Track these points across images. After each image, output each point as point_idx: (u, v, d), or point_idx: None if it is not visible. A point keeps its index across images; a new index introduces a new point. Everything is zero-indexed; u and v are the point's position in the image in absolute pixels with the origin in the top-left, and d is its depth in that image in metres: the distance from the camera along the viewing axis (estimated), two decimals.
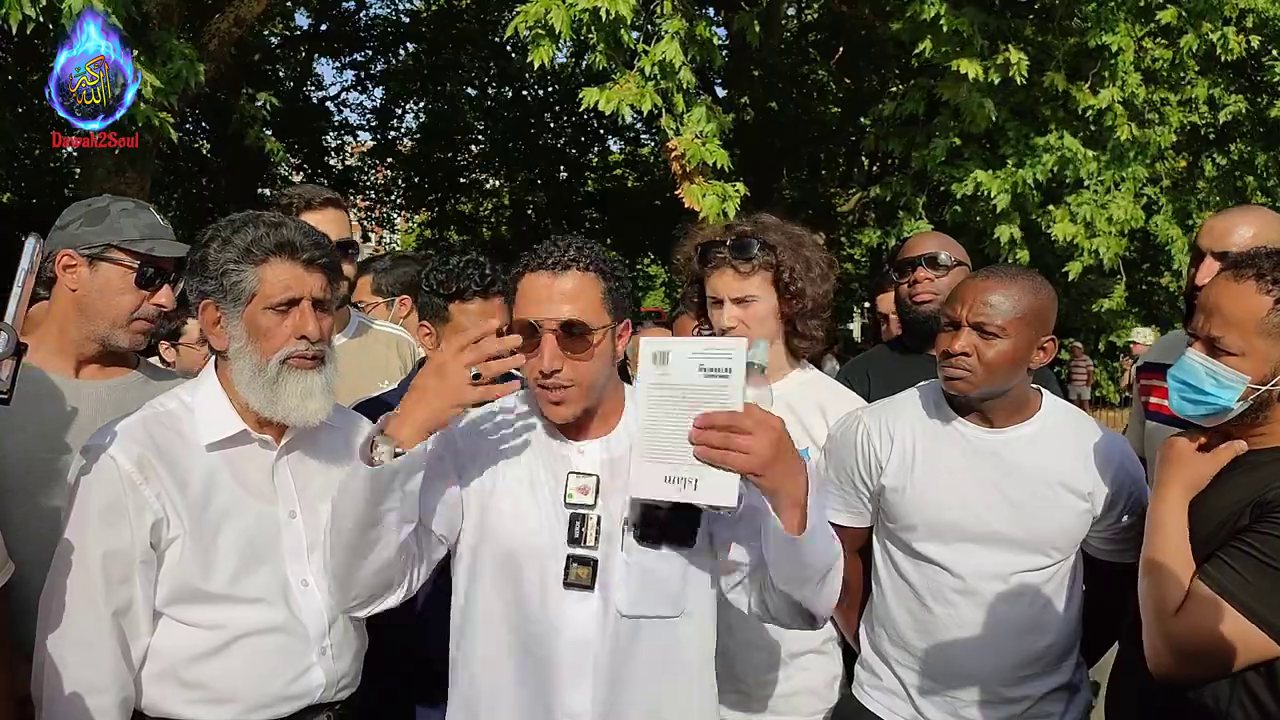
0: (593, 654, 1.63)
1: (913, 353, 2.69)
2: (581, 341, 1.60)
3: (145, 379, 2.07)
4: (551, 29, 5.68)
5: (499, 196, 20.85)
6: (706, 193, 6.14)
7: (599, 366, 1.64)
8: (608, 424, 1.73)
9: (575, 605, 1.63)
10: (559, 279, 1.62)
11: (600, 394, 1.68)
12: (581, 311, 1.61)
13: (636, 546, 1.65)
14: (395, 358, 3.01)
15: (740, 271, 2.20)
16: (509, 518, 1.67)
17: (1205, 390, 1.68)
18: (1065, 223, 7.55)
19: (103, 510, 1.64)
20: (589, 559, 1.63)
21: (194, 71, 5.51)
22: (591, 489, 1.66)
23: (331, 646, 1.77)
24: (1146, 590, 1.67)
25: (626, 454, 1.68)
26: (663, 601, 1.67)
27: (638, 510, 1.65)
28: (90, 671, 1.61)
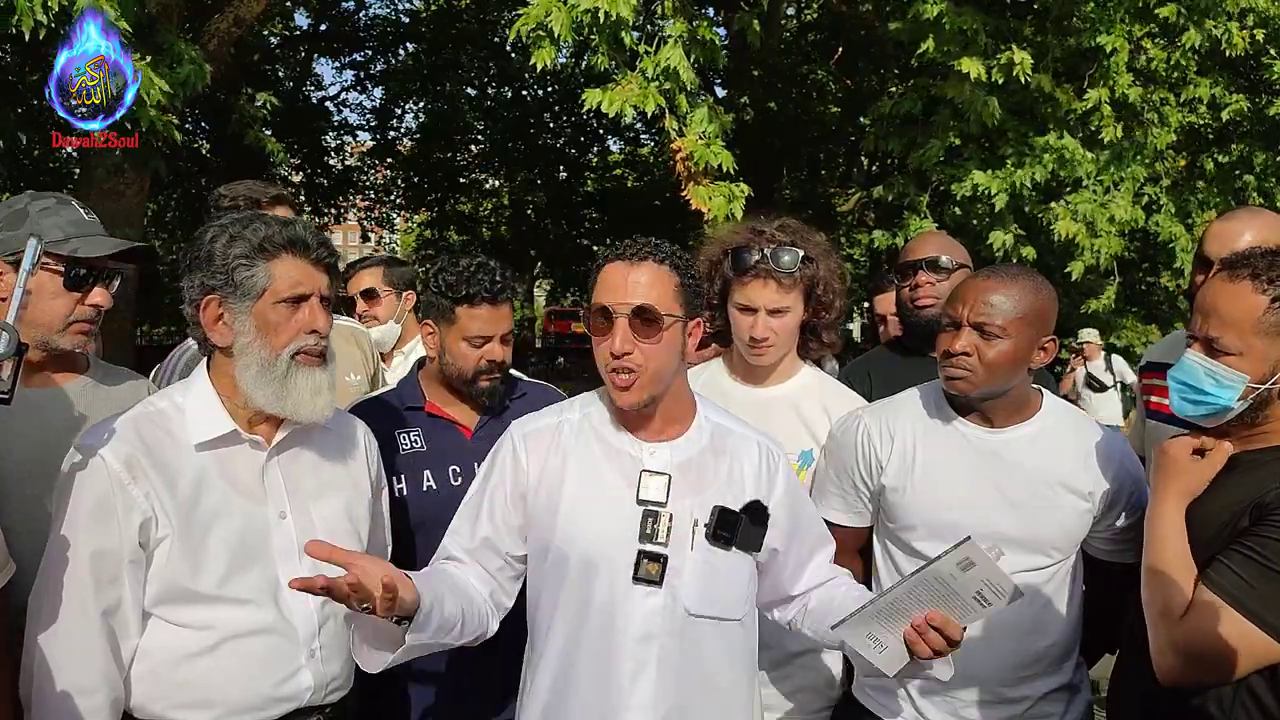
0: (657, 648, 1.68)
1: (913, 355, 2.69)
2: (652, 327, 1.67)
3: (97, 381, 2.03)
4: (552, 32, 5.68)
5: (499, 196, 20.87)
6: (713, 194, 6.14)
7: (667, 355, 1.70)
8: (676, 428, 1.78)
9: (642, 600, 1.68)
10: (635, 268, 1.70)
11: (667, 386, 1.73)
12: (654, 299, 1.68)
13: (706, 547, 1.71)
14: (356, 350, 3.07)
15: (782, 284, 2.19)
16: (581, 515, 1.71)
17: (1205, 390, 1.68)
18: (1067, 220, 7.54)
19: (92, 510, 1.63)
20: (659, 555, 1.68)
21: (201, 75, 5.52)
22: (663, 487, 1.71)
23: (321, 649, 1.76)
24: (1150, 597, 1.67)
25: (694, 458, 1.76)
26: (726, 604, 1.74)
27: (715, 513, 1.72)
28: (80, 671, 1.60)
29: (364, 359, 3.15)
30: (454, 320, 2.22)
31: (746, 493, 1.78)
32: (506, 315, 2.25)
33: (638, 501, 1.71)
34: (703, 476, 1.76)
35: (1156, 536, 1.69)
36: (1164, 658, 1.62)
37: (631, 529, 1.69)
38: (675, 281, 1.72)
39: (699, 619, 1.71)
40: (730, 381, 2.33)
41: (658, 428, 1.77)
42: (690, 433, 1.79)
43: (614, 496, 1.72)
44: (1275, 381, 1.64)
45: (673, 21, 6.24)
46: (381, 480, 2.00)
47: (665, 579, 1.68)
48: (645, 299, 1.68)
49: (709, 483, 1.76)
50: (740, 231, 2.31)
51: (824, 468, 2.20)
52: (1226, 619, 1.55)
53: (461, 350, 2.23)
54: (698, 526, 1.71)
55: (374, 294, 3.50)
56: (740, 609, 1.77)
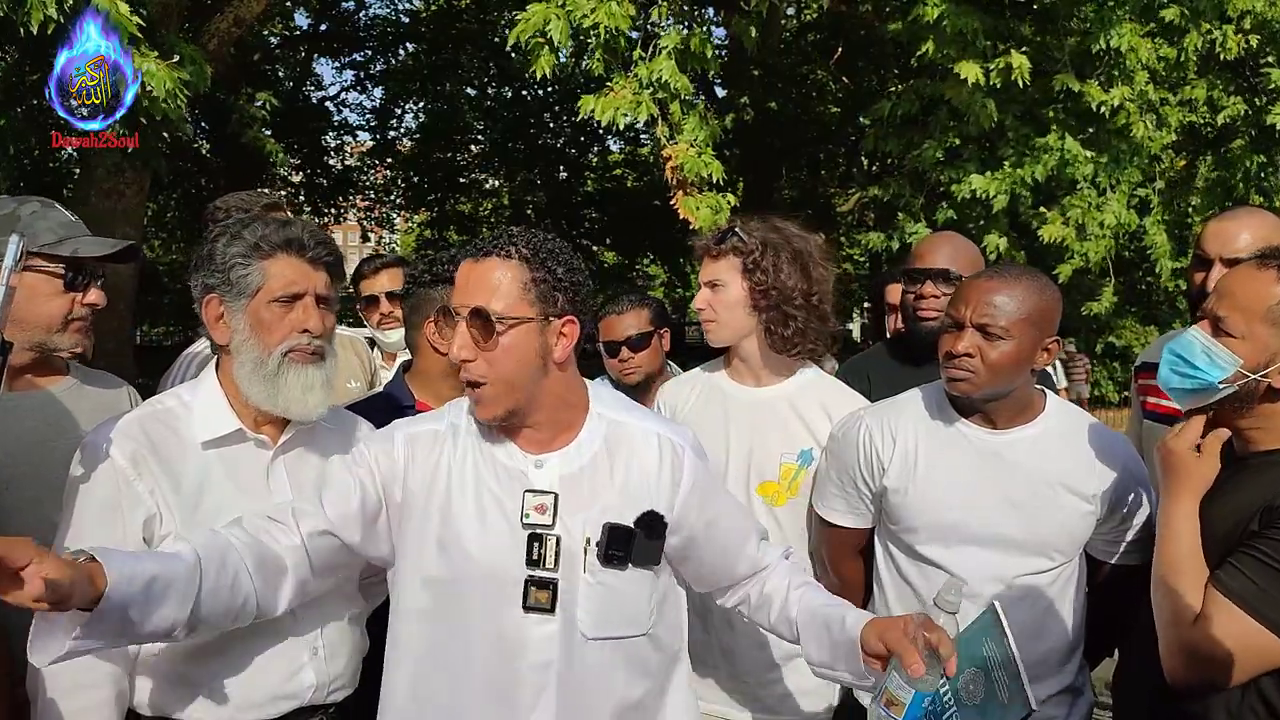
0: (555, 675, 1.56)
1: (909, 364, 2.60)
2: (488, 331, 1.52)
3: (80, 384, 2.05)
4: (551, 40, 5.70)
5: (499, 196, 20.86)
6: (700, 204, 6.17)
7: (513, 362, 1.54)
8: (565, 435, 1.63)
9: (536, 628, 1.56)
10: (478, 265, 1.56)
11: (529, 395, 1.57)
12: (492, 300, 1.52)
13: (599, 569, 1.58)
14: (353, 356, 3.07)
15: (711, 255, 2.23)
16: (463, 539, 1.58)
17: (1196, 365, 1.66)
18: (1056, 224, 7.55)
19: (97, 505, 1.64)
20: (549, 581, 1.55)
21: (202, 76, 5.53)
22: (549, 508, 1.57)
23: (324, 648, 1.76)
24: (1161, 601, 1.65)
25: (586, 467, 1.62)
26: (628, 622, 1.62)
27: (605, 531, 1.58)
28: (85, 668, 1.59)
29: (361, 366, 3.15)
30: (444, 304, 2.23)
31: (644, 499, 1.63)
32: None
33: (523, 525, 1.57)
34: (595, 487, 1.61)
35: (1167, 537, 1.68)
36: (1174, 661, 1.61)
37: (517, 554, 1.56)
38: (525, 277, 1.54)
39: (599, 641, 1.59)
40: (729, 382, 2.33)
41: (544, 438, 1.62)
42: (581, 437, 1.64)
43: (497, 519, 1.58)
44: (1267, 374, 1.62)
45: (667, 31, 6.26)
46: None
47: (558, 605, 1.55)
48: (482, 300, 1.52)
49: (601, 492, 1.61)
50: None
51: (825, 468, 2.19)
52: (1237, 623, 1.54)
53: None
54: (590, 546, 1.57)
55: (397, 295, 3.40)
56: (644, 623, 1.64)
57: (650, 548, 1.61)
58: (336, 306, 1.84)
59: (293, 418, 1.73)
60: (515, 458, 1.61)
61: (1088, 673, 2.11)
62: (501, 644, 1.56)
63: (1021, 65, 6.48)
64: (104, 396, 2.07)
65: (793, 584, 1.75)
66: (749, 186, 12.90)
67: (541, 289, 1.55)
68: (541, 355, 1.56)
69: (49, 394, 1.98)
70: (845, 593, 2.22)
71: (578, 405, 1.66)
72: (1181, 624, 1.59)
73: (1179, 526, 1.66)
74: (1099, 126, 7.38)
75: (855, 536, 2.17)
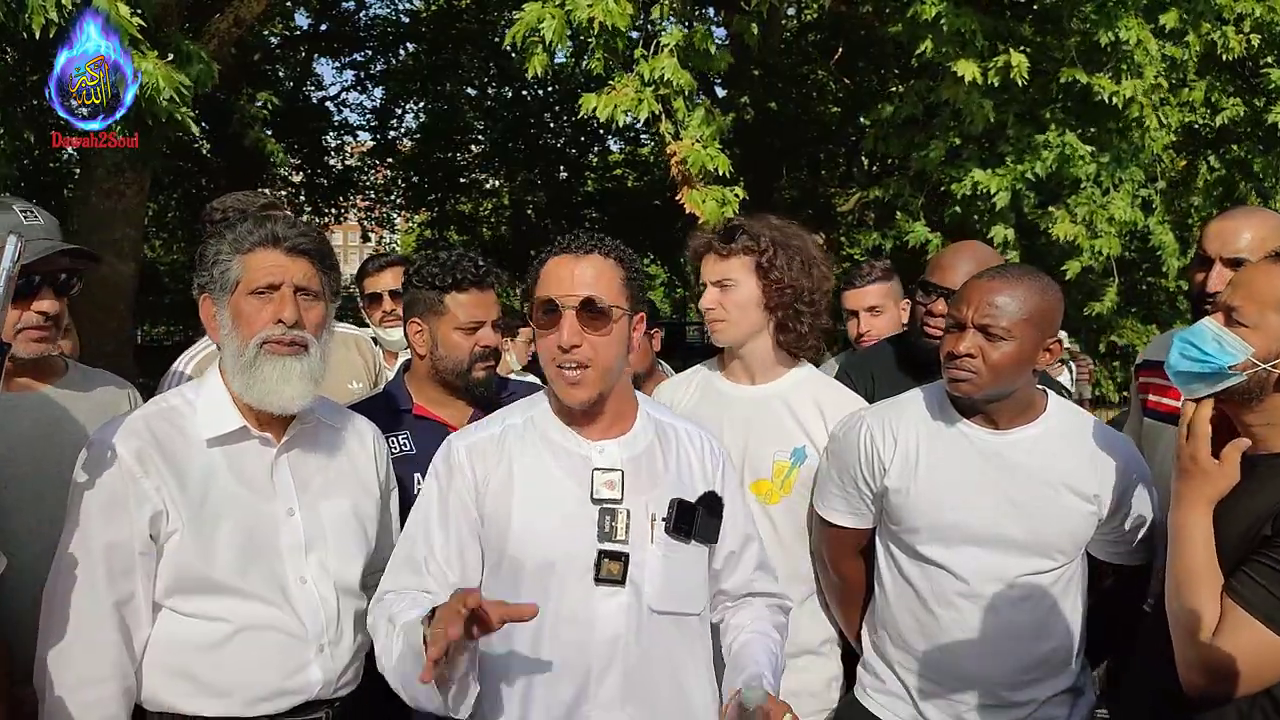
0: (623, 647, 1.66)
1: (910, 374, 2.55)
2: (600, 320, 1.66)
3: (78, 383, 2.05)
4: (544, 39, 5.70)
5: (499, 196, 20.86)
6: (706, 197, 6.15)
7: (615, 349, 1.68)
8: (622, 424, 1.76)
9: (606, 600, 1.66)
10: (581, 261, 1.69)
11: (614, 381, 1.71)
12: (601, 292, 1.66)
13: (666, 541, 1.70)
14: (357, 356, 3.07)
15: (720, 254, 2.22)
16: (536, 521, 1.68)
17: (1206, 351, 1.65)
18: (1066, 223, 7.53)
19: (104, 503, 1.66)
20: (620, 554, 1.66)
21: (209, 74, 5.52)
22: (617, 483, 1.69)
23: (330, 644, 1.78)
24: (1177, 611, 1.63)
25: (643, 453, 1.75)
26: (688, 598, 1.74)
27: (673, 505, 1.71)
28: (93, 662, 1.63)
29: (365, 366, 3.15)
30: (443, 310, 2.24)
31: (697, 485, 1.77)
32: (494, 301, 2.27)
33: (592, 500, 1.68)
34: (653, 471, 1.74)
35: (1182, 546, 1.65)
36: (1192, 675, 1.60)
37: (589, 529, 1.67)
38: (621, 275, 1.71)
39: (661, 615, 1.70)
40: (723, 381, 2.33)
41: (604, 425, 1.75)
42: (636, 428, 1.77)
43: (568, 498, 1.69)
44: (1276, 364, 1.61)
45: (669, 29, 6.24)
46: (391, 482, 2.02)
47: (628, 577, 1.66)
48: (593, 291, 1.66)
49: (660, 477, 1.74)
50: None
51: (826, 468, 2.19)
52: (1255, 634, 1.53)
53: (454, 340, 2.23)
54: (656, 521, 1.70)
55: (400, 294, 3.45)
56: (699, 603, 1.77)
57: (710, 525, 1.75)
58: (336, 300, 1.85)
59: (270, 409, 1.74)
60: (578, 444, 1.73)
61: (1089, 673, 2.11)
62: (574, 619, 1.66)
63: (1020, 64, 6.47)
64: (103, 396, 2.08)
65: (749, 626, 1.84)
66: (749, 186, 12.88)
67: (631, 286, 1.72)
68: (626, 345, 1.73)
69: (48, 393, 1.99)
70: (846, 592, 2.23)
71: (631, 398, 1.81)
72: (1198, 637, 1.58)
73: (1194, 536, 1.64)
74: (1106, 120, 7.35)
75: (856, 537, 2.17)
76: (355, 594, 1.85)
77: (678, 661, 1.73)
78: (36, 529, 1.84)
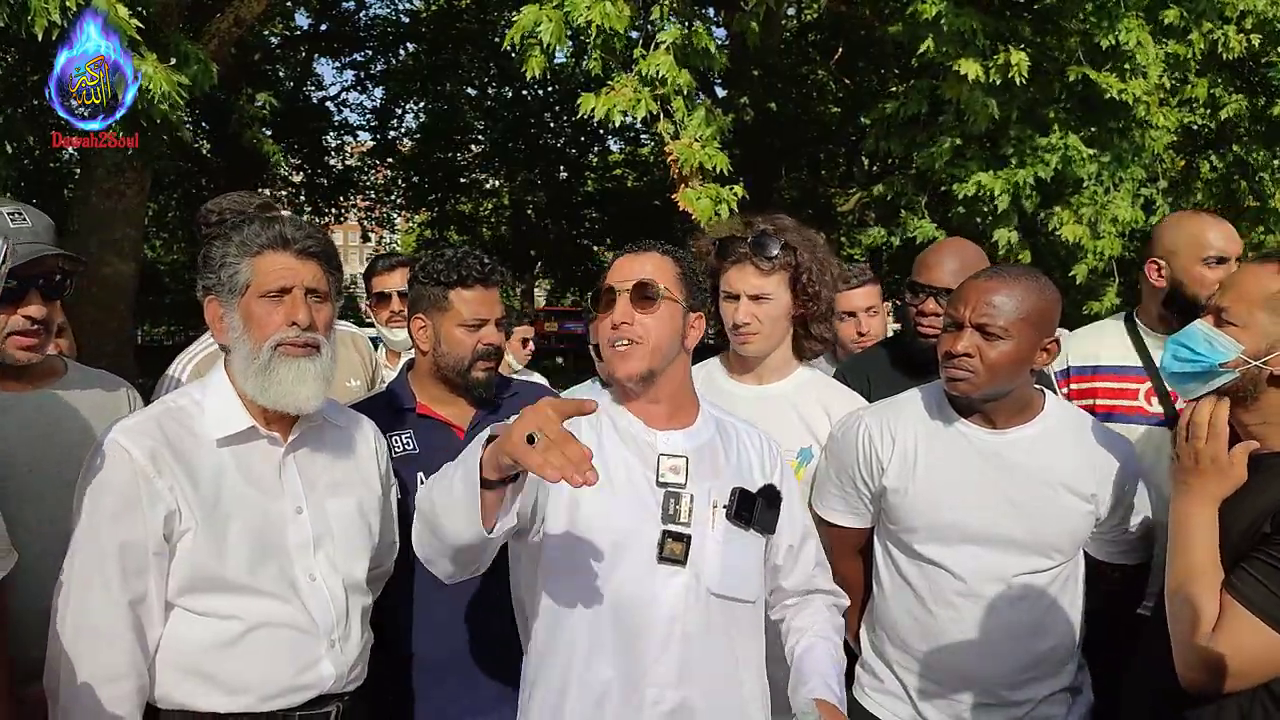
0: (681, 627, 1.71)
1: (906, 374, 2.55)
2: (651, 299, 1.75)
3: (76, 384, 2.05)
4: (541, 41, 5.70)
5: (499, 196, 20.88)
6: (701, 196, 6.14)
7: (666, 329, 1.76)
8: (685, 417, 1.84)
9: (667, 579, 1.71)
10: (639, 256, 1.81)
11: (667, 363, 1.78)
12: (656, 277, 1.77)
13: (727, 527, 1.76)
14: (355, 354, 3.07)
15: (760, 269, 2.21)
16: (604, 500, 1.71)
17: (1198, 351, 1.68)
18: (1071, 224, 7.52)
19: (118, 502, 1.66)
20: (683, 535, 1.72)
21: (208, 75, 5.52)
22: (682, 469, 1.76)
23: (340, 639, 1.80)
24: (1177, 609, 1.63)
25: (705, 445, 1.82)
26: (744, 585, 1.79)
27: (735, 494, 1.78)
28: (107, 661, 1.63)
29: (363, 364, 3.15)
30: (447, 307, 2.23)
31: (756, 478, 1.83)
32: (498, 300, 2.27)
33: (658, 484, 1.74)
34: (715, 462, 1.81)
35: (1184, 544, 1.66)
36: (1192, 672, 1.60)
37: (653, 511, 1.73)
38: (677, 270, 1.81)
39: (719, 599, 1.74)
40: (728, 380, 2.34)
41: (667, 415, 1.81)
42: (699, 423, 1.85)
43: (634, 480, 1.75)
44: (1268, 361, 1.63)
45: (668, 27, 6.24)
46: (390, 478, 2.04)
47: (689, 558, 1.71)
48: (646, 276, 1.77)
49: (721, 468, 1.81)
50: (731, 225, 2.37)
51: (825, 468, 2.19)
52: (1254, 631, 1.54)
53: (457, 337, 2.23)
54: (717, 508, 1.76)
55: None
56: (755, 591, 1.82)
57: (769, 515, 1.82)
58: (339, 300, 1.86)
59: (287, 410, 1.75)
60: (644, 431, 1.80)
61: (1087, 672, 2.11)
62: (636, 596, 1.70)
63: (1020, 62, 6.47)
64: (102, 396, 2.08)
65: (811, 629, 1.90)
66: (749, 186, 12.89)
67: (688, 283, 1.82)
68: (681, 336, 1.80)
69: (47, 393, 1.99)
70: (846, 592, 2.22)
71: (692, 394, 1.89)
72: (1199, 634, 1.58)
73: (1194, 535, 1.65)
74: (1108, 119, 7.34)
75: (855, 536, 2.17)
76: (362, 590, 1.87)
77: (732, 648, 1.77)
78: (37, 529, 1.84)
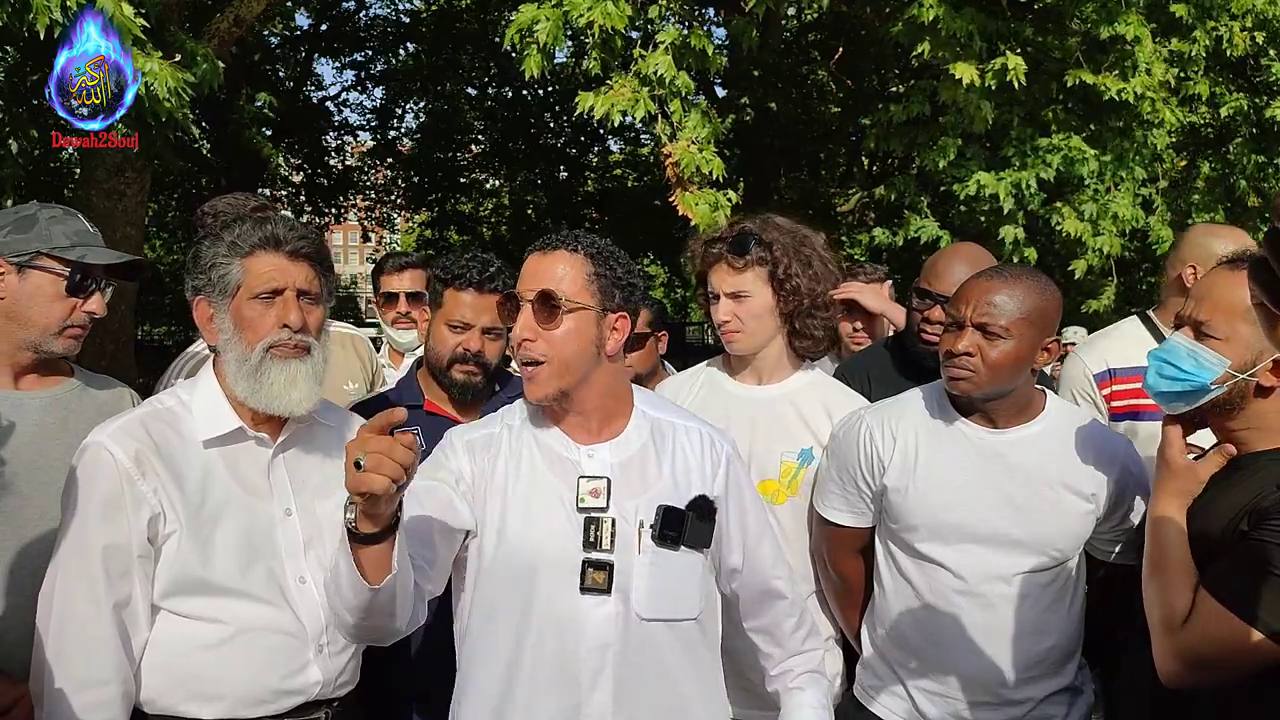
0: (613, 655, 1.63)
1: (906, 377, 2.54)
2: (551, 313, 1.62)
3: (84, 385, 2.07)
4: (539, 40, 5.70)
5: (499, 196, 20.86)
6: (699, 201, 6.15)
7: (572, 344, 1.63)
8: (615, 426, 1.72)
9: (593, 609, 1.63)
10: (546, 257, 1.67)
11: (580, 380, 1.66)
12: (559, 285, 1.63)
13: (653, 549, 1.66)
14: (354, 357, 3.06)
15: (734, 266, 2.20)
16: (523, 527, 1.65)
17: (1184, 369, 1.68)
18: (1072, 219, 7.52)
19: (102, 505, 1.65)
20: (605, 563, 1.63)
21: (215, 73, 5.52)
22: (603, 491, 1.66)
23: (329, 644, 1.78)
24: (1151, 601, 1.66)
25: (635, 456, 1.71)
26: (679, 604, 1.70)
27: (659, 512, 1.67)
28: (93, 664, 1.62)
29: (362, 366, 3.15)
30: (441, 304, 2.24)
31: (692, 487, 1.72)
32: (492, 307, 2.22)
33: (578, 509, 1.65)
34: (645, 475, 1.70)
35: (1157, 539, 1.69)
36: (1166, 663, 1.61)
37: (574, 538, 1.63)
38: (589, 270, 1.65)
39: (652, 622, 1.66)
40: (729, 381, 2.34)
41: (594, 428, 1.71)
42: (629, 430, 1.73)
43: (554, 505, 1.65)
44: (1254, 373, 1.64)
45: (666, 27, 6.24)
46: None
47: (614, 586, 1.63)
48: (548, 284, 1.63)
49: (652, 481, 1.70)
50: (718, 228, 2.34)
51: (826, 467, 2.19)
52: (1226, 624, 1.55)
53: (442, 334, 2.23)
54: (643, 528, 1.66)
55: (415, 296, 3.39)
56: (694, 607, 1.71)
57: (701, 529, 1.70)
58: (331, 301, 1.85)
59: (278, 413, 1.74)
60: (568, 448, 1.70)
61: (1087, 672, 2.11)
62: (561, 628, 1.63)
63: (1017, 67, 6.46)
64: (106, 397, 2.08)
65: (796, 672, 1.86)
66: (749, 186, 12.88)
67: (602, 283, 1.66)
68: (596, 345, 1.66)
69: (54, 394, 2.00)
70: (845, 592, 2.23)
71: (624, 399, 1.75)
72: (1173, 627, 1.60)
73: (1166, 530, 1.67)
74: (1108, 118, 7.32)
75: (855, 536, 2.17)
76: None
77: (674, 668, 1.69)
78: (39, 526, 1.85)
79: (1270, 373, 1.64)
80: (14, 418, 1.90)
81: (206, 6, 7.65)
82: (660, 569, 1.66)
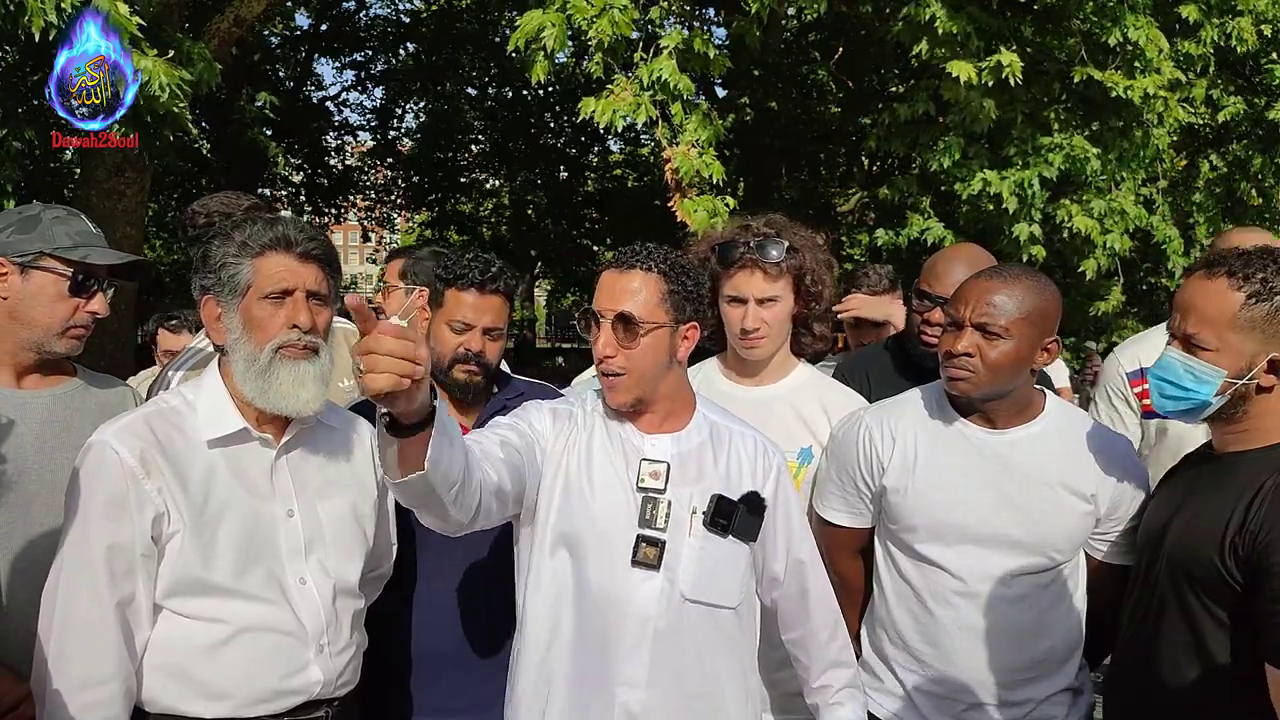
0: (653, 630, 1.74)
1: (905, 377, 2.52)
2: (631, 333, 1.75)
3: (87, 385, 2.07)
4: (545, 47, 5.69)
5: (499, 196, 20.88)
6: (697, 207, 6.16)
7: (649, 360, 1.77)
8: (677, 422, 1.85)
9: (640, 583, 1.74)
10: (623, 276, 1.78)
11: (654, 387, 1.80)
12: (637, 306, 1.75)
13: (703, 534, 1.78)
14: (348, 354, 3.03)
15: (768, 273, 2.19)
16: (586, 498, 1.77)
17: (1185, 386, 1.71)
18: (1080, 216, 7.51)
19: (105, 504, 1.65)
20: (657, 540, 1.75)
21: (212, 73, 5.52)
22: (662, 475, 1.78)
23: (329, 644, 1.79)
24: None
25: (694, 450, 1.83)
26: (722, 591, 1.80)
27: (713, 501, 1.79)
28: (95, 663, 1.62)
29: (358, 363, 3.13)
30: (441, 304, 2.24)
31: (744, 485, 1.84)
32: (493, 307, 2.22)
33: (637, 488, 1.77)
34: (701, 468, 1.82)
35: None
36: None
37: (630, 514, 1.76)
38: (663, 289, 1.77)
39: (694, 604, 1.76)
40: (726, 381, 2.33)
41: (657, 422, 1.84)
42: (690, 427, 1.86)
43: (615, 482, 1.78)
44: (1252, 376, 1.66)
45: (669, 31, 6.24)
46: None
47: (663, 563, 1.74)
48: (628, 306, 1.75)
49: (708, 473, 1.82)
50: (728, 229, 2.33)
51: (825, 468, 2.19)
52: None
53: (442, 335, 2.23)
54: (695, 514, 1.78)
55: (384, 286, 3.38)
56: (735, 597, 1.82)
57: (750, 523, 1.82)
58: (337, 304, 1.85)
59: (286, 413, 1.74)
60: (634, 435, 1.83)
61: (1087, 672, 2.11)
62: (609, 597, 1.74)
63: (1013, 64, 6.45)
64: (109, 397, 2.08)
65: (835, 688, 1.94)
66: (749, 187, 12.88)
67: (675, 299, 1.78)
68: (669, 354, 1.80)
69: (57, 394, 2.00)
70: (845, 592, 2.22)
71: (687, 399, 1.90)
72: None
73: None
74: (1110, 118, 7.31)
75: (855, 536, 2.17)
76: (354, 593, 1.86)
77: (708, 653, 1.78)
78: (42, 525, 1.85)
79: (1267, 373, 1.66)
80: (17, 417, 1.90)
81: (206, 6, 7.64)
82: (708, 554, 1.78)
